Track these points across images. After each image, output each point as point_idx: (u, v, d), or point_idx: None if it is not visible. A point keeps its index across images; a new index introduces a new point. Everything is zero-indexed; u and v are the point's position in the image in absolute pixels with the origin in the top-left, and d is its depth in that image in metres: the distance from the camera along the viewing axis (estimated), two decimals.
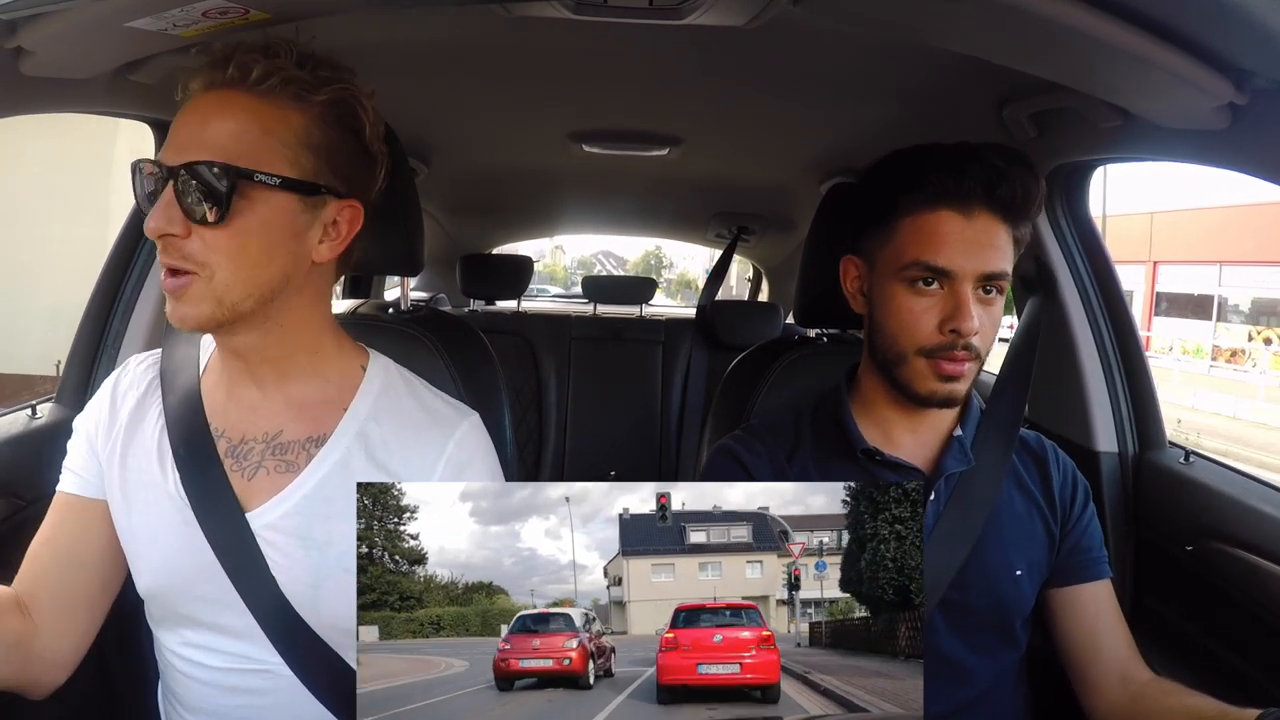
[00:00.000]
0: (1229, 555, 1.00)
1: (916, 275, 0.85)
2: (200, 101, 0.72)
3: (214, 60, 0.72)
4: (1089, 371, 1.24)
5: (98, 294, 1.20)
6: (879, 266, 0.90)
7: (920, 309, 0.85)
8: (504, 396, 1.16)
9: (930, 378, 0.86)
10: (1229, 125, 0.81)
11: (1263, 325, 14.31)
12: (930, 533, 0.90)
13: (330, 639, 0.78)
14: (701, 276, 15.69)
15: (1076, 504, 0.96)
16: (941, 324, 0.84)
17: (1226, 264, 14.46)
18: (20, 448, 1.07)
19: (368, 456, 0.79)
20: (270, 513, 0.78)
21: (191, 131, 0.71)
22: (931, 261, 0.84)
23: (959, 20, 0.81)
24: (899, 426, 0.94)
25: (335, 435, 0.80)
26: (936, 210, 0.84)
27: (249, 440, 0.80)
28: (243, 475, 0.79)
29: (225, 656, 0.80)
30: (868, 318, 0.93)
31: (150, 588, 0.81)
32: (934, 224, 0.84)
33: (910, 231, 0.85)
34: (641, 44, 1.17)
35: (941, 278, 0.84)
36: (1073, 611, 0.94)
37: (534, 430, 2.52)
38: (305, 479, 0.78)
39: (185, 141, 0.71)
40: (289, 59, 0.73)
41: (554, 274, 24.85)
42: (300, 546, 0.77)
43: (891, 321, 0.87)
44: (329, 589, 0.77)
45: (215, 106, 0.71)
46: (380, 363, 0.86)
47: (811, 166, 1.93)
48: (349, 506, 0.75)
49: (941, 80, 1.17)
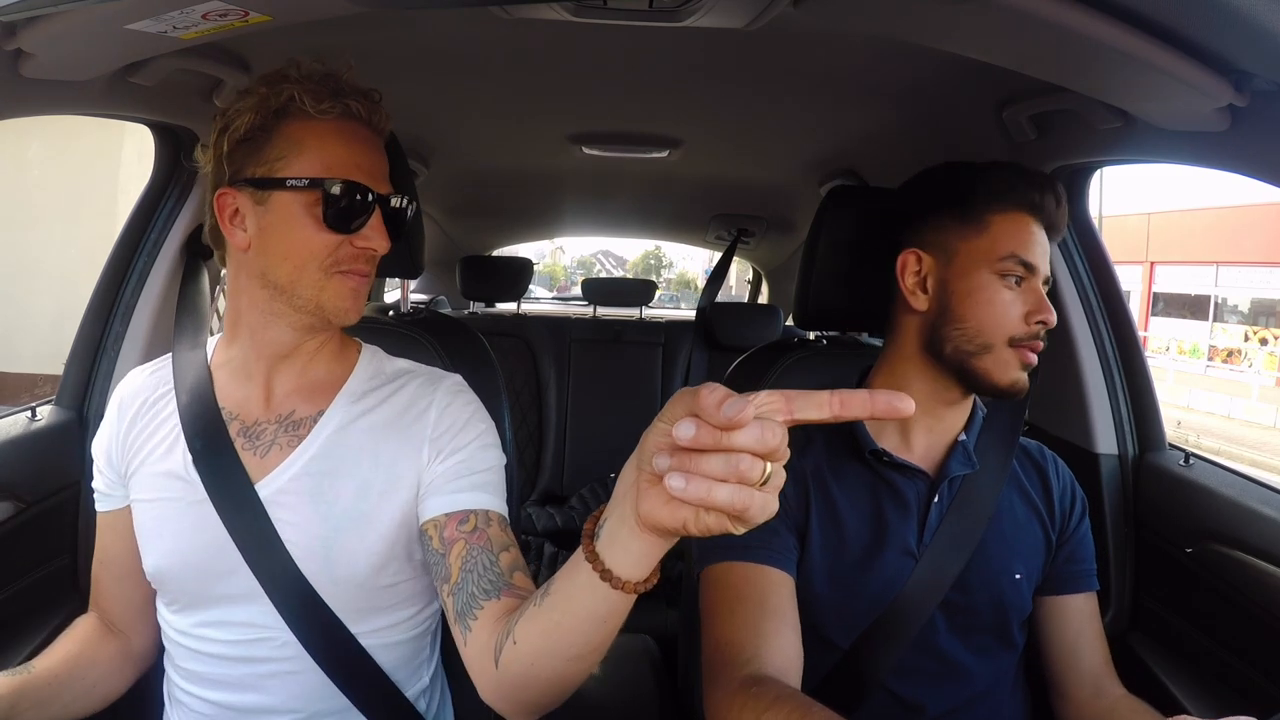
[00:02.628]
0: (1228, 557, 1.00)
1: (1010, 269, 0.89)
2: (358, 133, 0.83)
3: (355, 93, 0.82)
4: (1089, 373, 1.24)
5: (98, 295, 1.20)
6: (962, 258, 0.91)
7: (1009, 299, 0.89)
8: (504, 399, 1.16)
9: (1014, 366, 0.89)
10: (1228, 127, 0.81)
11: (1260, 326, 14.34)
12: (934, 535, 0.90)
13: (344, 596, 0.83)
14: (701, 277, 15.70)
15: (1074, 515, 0.98)
16: (1028, 315, 0.89)
17: (1223, 264, 14.49)
18: (20, 450, 1.07)
19: (366, 415, 0.87)
20: (280, 477, 0.83)
21: (375, 162, 0.84)
22: (1025, 256, 0.89)
23: (959, 22, 0.81)
24: (916, 429, 0.94)
25: (335, 403, 0.87)
26: (1023, 213, 0.91)
27: (262, 423, 0.86)
28: (255, 454, 0.85)
29: (233, 629, 0.83)
30: (932, 313, 0.92)
31: (160, 567, 0.84)
32: (1024, 225, 0.90)
33: (1005, 226, 0.90)
34: (641, 46, 1.17)
35: (1028, 272, 0.89)
36: (1058, 620, 0.96)
37: (534, 432, 2.52)
38: (309, 443, 0.85)
39: (375, 172, 0.84)
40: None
41: (553, 275, 24.84)
42: (310, 504, 0.82)
43: (981, 311, 0.89)
44: (340, 545, 0.82)
45: (369, 141, 0.84)
46: (370, 348, 0.95)
47: (811, 168, 1.93)
48: (354, 464, 0.84)
49: (941, 82, 1.18)
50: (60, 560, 1.11)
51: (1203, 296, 15.05)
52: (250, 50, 1.09)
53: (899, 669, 0.89)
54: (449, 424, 0.86)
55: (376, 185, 0.83)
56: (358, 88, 0.83)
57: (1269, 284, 13.93)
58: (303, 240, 0.81)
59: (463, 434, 0.86)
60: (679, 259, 30.13)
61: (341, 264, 0.82)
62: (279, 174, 0.80)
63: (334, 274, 0.82)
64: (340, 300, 0.83)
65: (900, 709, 0.90)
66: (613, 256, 29.60)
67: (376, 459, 0.84)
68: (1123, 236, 15.04)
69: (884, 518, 0.91)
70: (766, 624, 0.84)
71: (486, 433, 0.88)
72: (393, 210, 0.85)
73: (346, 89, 0.81)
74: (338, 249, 0.82)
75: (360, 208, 0.82)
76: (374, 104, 0.84)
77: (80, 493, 1.13)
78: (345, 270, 0.83)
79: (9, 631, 1.01)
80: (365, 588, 0.83)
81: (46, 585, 1.08)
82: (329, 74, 0.82)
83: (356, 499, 0.83)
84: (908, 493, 0.92)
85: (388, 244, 0.84)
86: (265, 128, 0.80)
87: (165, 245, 1.21)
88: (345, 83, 0.82)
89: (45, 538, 1.09)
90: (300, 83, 0.80)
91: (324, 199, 0.80)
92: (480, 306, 2.90)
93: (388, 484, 0.83)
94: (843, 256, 1.13)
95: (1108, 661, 0.96)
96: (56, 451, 1.13)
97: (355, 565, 0.82)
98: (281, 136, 0.80)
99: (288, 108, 0.80)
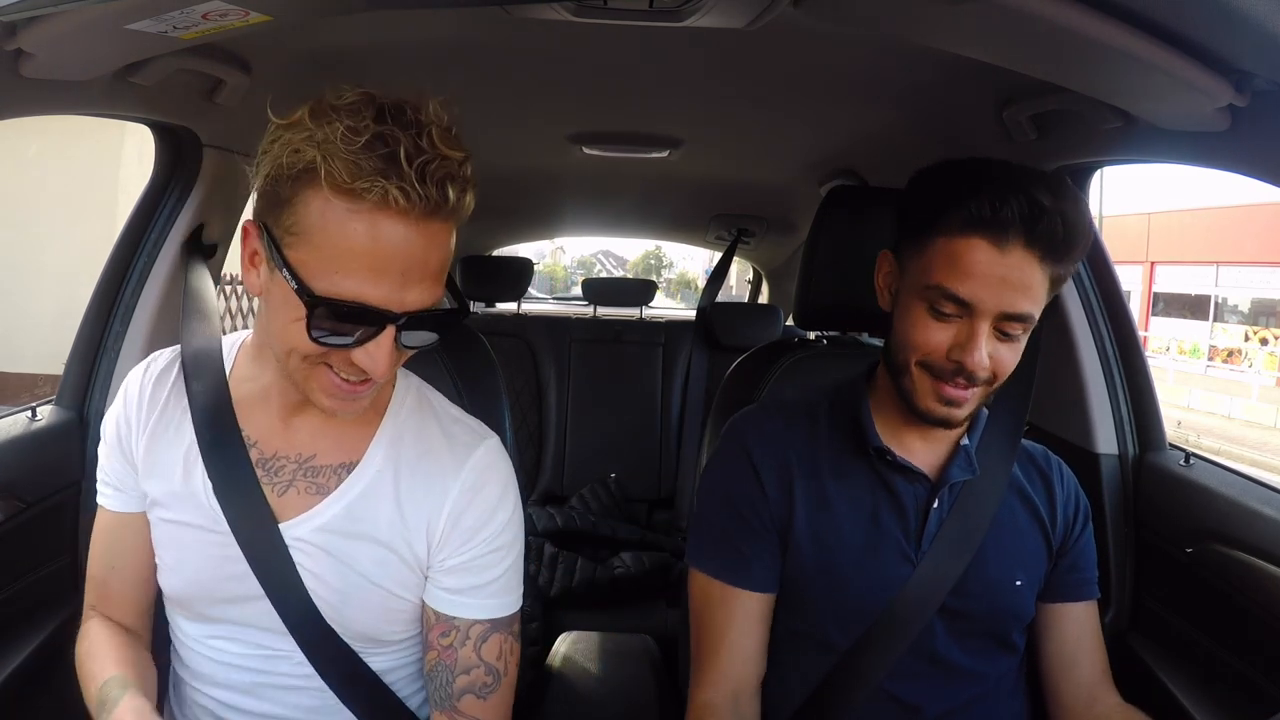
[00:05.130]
0: (1229, 557, 1.00)
1: (936, 299, 0.82)
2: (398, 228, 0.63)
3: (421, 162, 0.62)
4: (1089, 373, 1.23)
5: (98, 295, 1.20)
6: (907, 276, 0.87)
7: (933, 330, 0.83)
8: (504, 399, 1.16)
9: (930, 395, 0.85)
10: (1229, 127, 0.81)
11: (1261, 326, 14.34)
12: (933, 540, 0.90)
13: (357, 637, 0.82)
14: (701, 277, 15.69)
15: (1077, 523, 0.97)
16: (950, 350, 0.82)
17: (1223, 264, 14.49)
18: (20, 450, 1.07)
19: (393, 481, 0.81)
20: (299, 528, 0.80)
21: (412, 263, 0.65)
22: (954, 290, 0.80)
23: (959, 22, 0.81)
24: (911, 431, 0.93)
25: (363, 462, 0.81)
26: (970, 237, 0.79)
27: (281, 457, 0.82)
28: (273, 490, 0.80)
29: (246, 644, 0.83)
30: (890, 319, 0.92)
31: (179, 591, 0.83)
32: (965, 251, 0.79)
33: (941, 253, 0.81)
34: (642, 46, 1.17)
35: (961, 308, 0.81)
36: (1056, 627, 0.96)
37: (534, 432, 2.52)
38: (334, 501, 0.80)
39: (409, 278, 0.65)
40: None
41: (554, 275, 24.83)
42: (328, 560, 0.80)
43: (904, 332, 0.86)
44: (356, 602, 0.81)
45: (415, 237, 0.64)
46: (405, 383, 0.86)
47: (811, 168, 1.93)
48: (375, 527, 0.80)
49: (942, 82, 1.17)
50: (60, 560, 1.11)
51: (1203, 296, 15.05)
52: (251, 50, 1.09)
53: (897, 671, 0.89)
54: (464, 510, 0.81)
55: (397, 301, 0.65)
56: (433, 153, 0.62)
57: (1269, 284, 13.93)
58: (291, 332, 0.67)
59: (478, 532, 0.81)
60: (679, 259, 30.15)
61: (331, 363, 0.70)
62: (286, 248, 0.65)
63: (320, 366, 0.70)
64: (327, 399, 0.72)
65: (899, 710, 0.90)
66: (613, 256, 29.60)
67: (395, 530, 0.80)
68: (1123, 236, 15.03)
69: (880, 519, 0.91)
70: (723, 650, 0.91)
71: (505, 525, 0.83)
72: (423, 320, 0.69)
73: (401, 158, 0.61)
74: (327, 354, 0.69)
75: (355, 329, 0.67)
76: (446, 181, 0.63)
77: (80, 493, 1.13)
78: (336, 371, 0.70)
79: (9, 632, 1.01)
80: (375, 639, 0.84)
81: (46, 585, 1.08)
82: (383, 132, 0.61)
83: (374, 566, 0.80)
84: (906, 496, 0.91)
85: (392, 366, 0.69)
86: (280, 183, 0.65)
87: (165, 245, 1.21)
88: (407, 143, 0.61)
89: (45, 538, 1.09)
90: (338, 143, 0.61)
91: (308, 315, 0.65)
92: (480, 307, 2.90)
93: (401, 561, 0.81)
94: (843, 256, 1.13)
95: (1105, 671, 0.95)
96: (56, 451, 1.13)
97: (368, 621, 0.82)
98: (300, 202, 0.64)
99: (313, 169, 0.62)
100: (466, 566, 0.81)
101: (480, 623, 0.82)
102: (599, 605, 1.92)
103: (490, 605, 0.82)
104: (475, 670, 0.81)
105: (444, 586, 0.82)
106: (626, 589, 1.94)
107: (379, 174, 0.61)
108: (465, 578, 0.81)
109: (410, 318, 0.67)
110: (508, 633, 0.84)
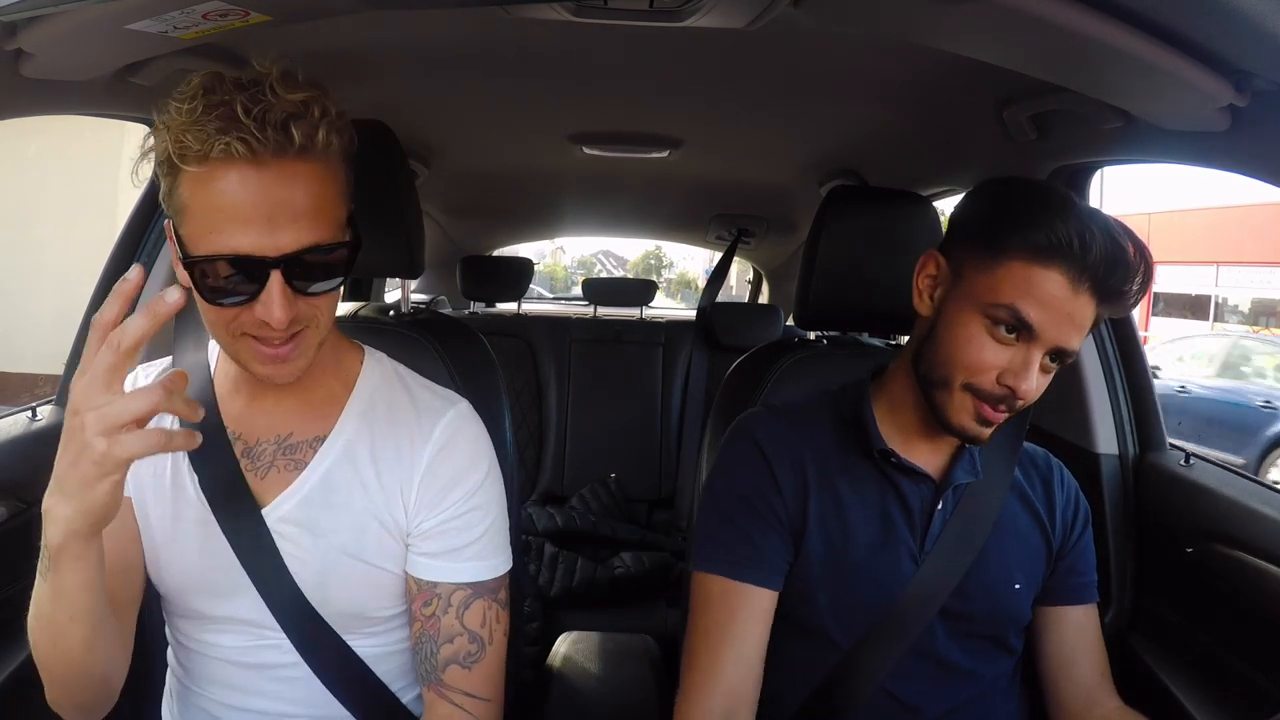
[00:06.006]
0: (1229, 557, 1.00)
1: (1003, 319, 0.80)
2: (251, 177, 0.66)
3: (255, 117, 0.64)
4: (1089, 373, 1.24)
5: (98, 295, 1.20)
6: (966, 285, 0.84)
7: (989, 351, 0.81)
8: (504, 399, 1.16)
9: (968, 414, 0.84)
10: (1229, 127, 0.81)
11: (1261, 326, 14.33)
12: (935, 541, 0.90)
13: (338, 625, 0.83)
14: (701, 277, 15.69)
15: (1077, 526, 0.97)
16: (1001, 375, 0.81)
17: (1223, 264, 14.48)
18: (20, 450, 1.07)
19: (367, 448, 0.83)
20: (281, 506, 0.81)
21: (278, 208, 0.67)
22: (1025, 314, 0.79)
23: (959, 22, 0.81)
24: (919, 434, 0.93)
25: (335, 430, 0.84)
26: (1050, 268, 0.78)
27: (262, 442, 0.84)
28: (256, 474, 0.82)
29: (239, 636, 0.83)
30: (926, 324, 0.89)
31: (167, 583, 0.84)
32: (1042, 280, 0.79)
33: (1018, 274, 0.80)
34: (642, 46, 1.17)
35: (1024, 333, 0.80)
36: (1055, 631, 0.96)
37: (534, 432, 2.52)
38: (310, 472, 0.82)
39: (279, 220, 0.67)
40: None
41: (554, 275, 24.85)
42: (309, 536, 0.81)
43: (955, 347, 0.83)
44: (335, 577, 0.81)
45: (271, 182, 0.66)
46: (374, 358, 0.90)
47: (812, 168, 1.93)
48: (350, 497, 0.82)
49: (942, 82, 1.17)
50: None
51: (1203, 296, 15.04)
52: (251, 50, 1.09)
53: (897, 671, 0.89)
54: (436, 472, 0.83)
55: (271, 246, 0.67)
56: (272, 100, 0.65)
57: (1269, 284, 13.92)
58: (205, 309, 0.71)
59: (450, 492, 0.83)
60: (679, 259, 30.14)
61: (247, 329, 0.72)
62: (177, 229, 0.70)
63: (243, 336, 0.72)
64: (259, 366, 0.74)
65: (899, 709, 0.90)
66: (613, 256, 29.60)
67: (372, 497, 0.82)
68: None
69: (890, 517, 0.91)
70: (722, 650, 0.87)
71: (479, 486, 0.84)
72: (310, 265, 0.69)
73: (239, 112, 0.63)
74: (236, 317, 0.71)
75: (243, 282, 0.68)
76: (289, 121, 0.65)
77: None
78: (256, 335, 0.72)
79: (9, 631, 1.01)
80: (362, 616, 0.84)
81: None
82: (218, 99, 0.64)
83: (354, 537, 0.81)
84: (912, 497, 0.91)
85: (288, 313, 0.69)
86: (160, 178, 0.69)
87: (165, 245, 1.21)
88: (243, 98, 0.64)
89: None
90: (180, 120, 0.64)
91: (194, 279, 0.68)
92: (480, 306, 2.90)
93: (381, 528, 0.82)
94: (843, 257, 1.13)
95: (1105, 674, 0.95)
96: (56, 451, 1.13)
97: (351, 596, 0.83)
98: (174, 186, 0.68)
99: (168, 152, 0.65)
100: (443, 529, 0.82)
101: (461, 588, 0.82)
102: (599, 605, 1.92)
103: (469, 569, 0.83)
104: (459, 639, 0.82)
105: (423, 552, 0.83)
106: (626, 589, 1.94)
107: (220, 132, 0.64)
108: (442, 540, 0.82)
109: (294, 260, 0.68)
110: (491, 599, 0.84)
